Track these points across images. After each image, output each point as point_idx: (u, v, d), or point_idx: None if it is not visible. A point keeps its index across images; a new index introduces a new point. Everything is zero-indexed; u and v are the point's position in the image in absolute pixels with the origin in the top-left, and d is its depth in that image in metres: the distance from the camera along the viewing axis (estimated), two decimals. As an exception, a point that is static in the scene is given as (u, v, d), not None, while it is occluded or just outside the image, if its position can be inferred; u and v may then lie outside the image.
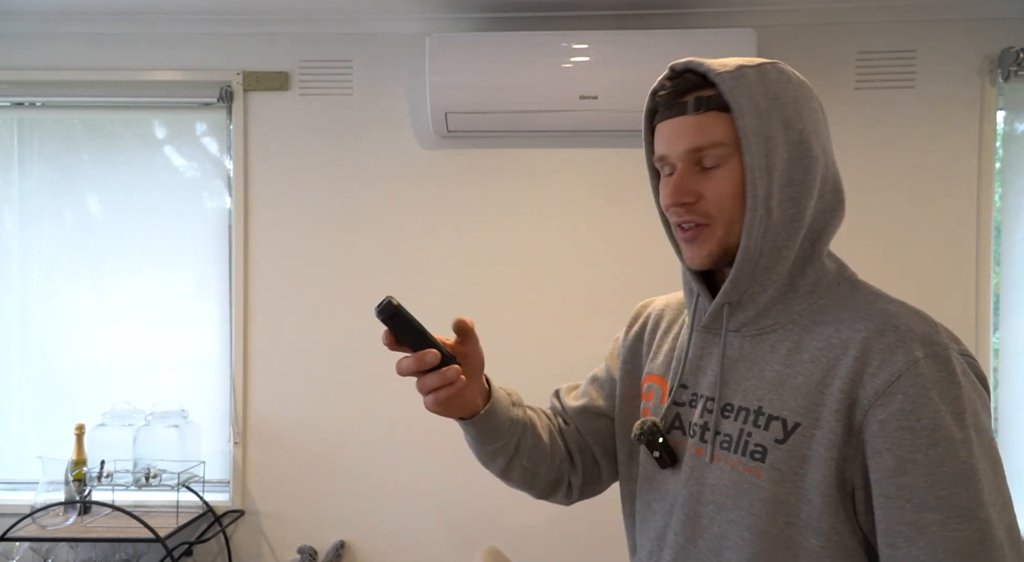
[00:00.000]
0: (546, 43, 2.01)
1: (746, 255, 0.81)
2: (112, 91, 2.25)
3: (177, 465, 2.08)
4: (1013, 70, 2.03)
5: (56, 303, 2.32)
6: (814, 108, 0.84)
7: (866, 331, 0.77)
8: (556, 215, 2.19)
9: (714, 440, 0.84)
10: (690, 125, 0.82)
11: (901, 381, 0.73)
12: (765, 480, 0.79)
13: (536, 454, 1.00)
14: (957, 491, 0.71)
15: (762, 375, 0.83)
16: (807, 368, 0.79)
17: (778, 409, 0.80)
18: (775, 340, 0.83)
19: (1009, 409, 2.10)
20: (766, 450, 0.79)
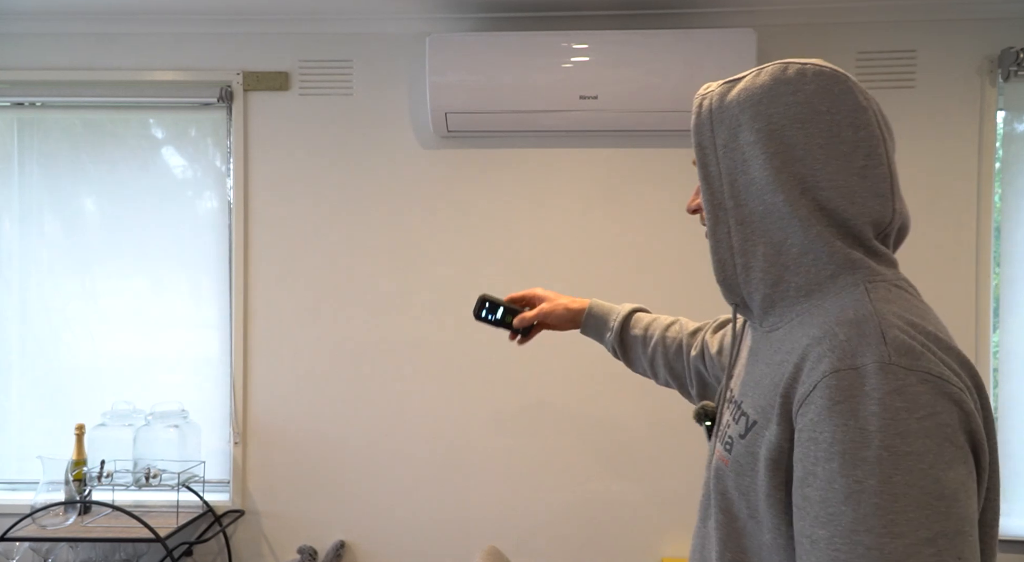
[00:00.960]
0: (546, 43, 2.01)
1: (714, 255, 0.86)
2: (112, 91, 2.25)
3: (177, 465, 2.08)
4: (1013, 70, 2.03)
5: (56, 303, 2.32)
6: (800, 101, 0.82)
7: (810, 338, 0.76)
8: (556, 215, 2.19)
9: (718, 429, 0.91)
10: None
11: (816, 391, 0.71)
12: (730, 470, 0.82)
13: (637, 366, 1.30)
14: (844, 510, 0.67)
15: (753, 371, 0.86)
16: (774, 369, 0.80)
17: (748, 406, 0.83)
18: (775, 338, 0.84)
19: (1009, 409, 2.10)
20: (733, 442, 0.83)
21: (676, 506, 2.15)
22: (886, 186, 0.83)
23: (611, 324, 1.30)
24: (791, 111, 0.82)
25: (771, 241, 0.82)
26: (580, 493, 2.17)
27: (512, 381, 2.19)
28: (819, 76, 0.83)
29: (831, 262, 0.81)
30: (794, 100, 0.82)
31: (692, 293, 2.14)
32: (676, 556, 2.15)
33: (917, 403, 0.67)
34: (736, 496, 0.81)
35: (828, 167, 0.80)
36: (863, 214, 0.82)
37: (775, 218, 0.81)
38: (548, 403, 2.18)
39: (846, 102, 0.83)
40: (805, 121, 0.82)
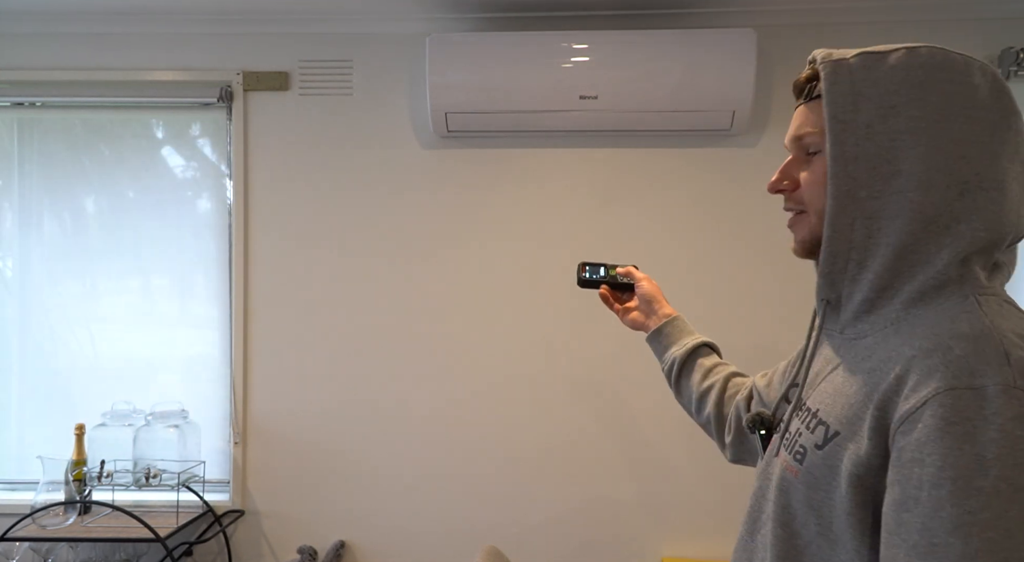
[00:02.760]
0: (546, 43, 2.01)
1: (828, 245, 0.78)
2: (112, 91, 2.25)
3: (177, 465, 2.08)
4: (1013, 70, 2.03)
5: (56, 303, 2.32)
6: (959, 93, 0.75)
7: (918, 350, 0.69)
8: (556, 215, 2.19)
9: (783, 436, 0.85)
10: (799, 113, 0.84)
11: (926, 408, 0.65)
12: (800, 482, 0.77)
13: (684, 393, 1.24)
14: (952, 542, 0.61)
15: (831, 379, 0.80)
16: (864, 379, 0.74)
17: (827, 415, 0.77)
18: (862, 347, 0.78)
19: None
20: (806, 452, 0.78)
21: (676, 507, 2.15)
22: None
23: (686, 341, 1.25)
24: (958, 101, 0.74)
25: (897, 243, 0.75)
26: (580, 493, 2.17)
27: (512, 381, 2.19)
28: (982, 69, 0.76)
29: (946, 271, 0.74)
30: (962, 90, 0.74)
31: (692, 293, 2.14)
32: (676, 556, 2.15)
33: None
34: (803, 511, 0.77)
35: (993, 167, 0.73)
36: (1018, 224, 0.76)
37: (910, 218, 0.74)
38: (548, 403, 2.18)
39: (1006, 101, 0.76)
40: (972, 115, 0.74)
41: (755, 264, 2.13)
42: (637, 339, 2.10)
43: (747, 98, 1.99)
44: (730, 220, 2.15)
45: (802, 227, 0.85)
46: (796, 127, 0.83)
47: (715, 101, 2.00)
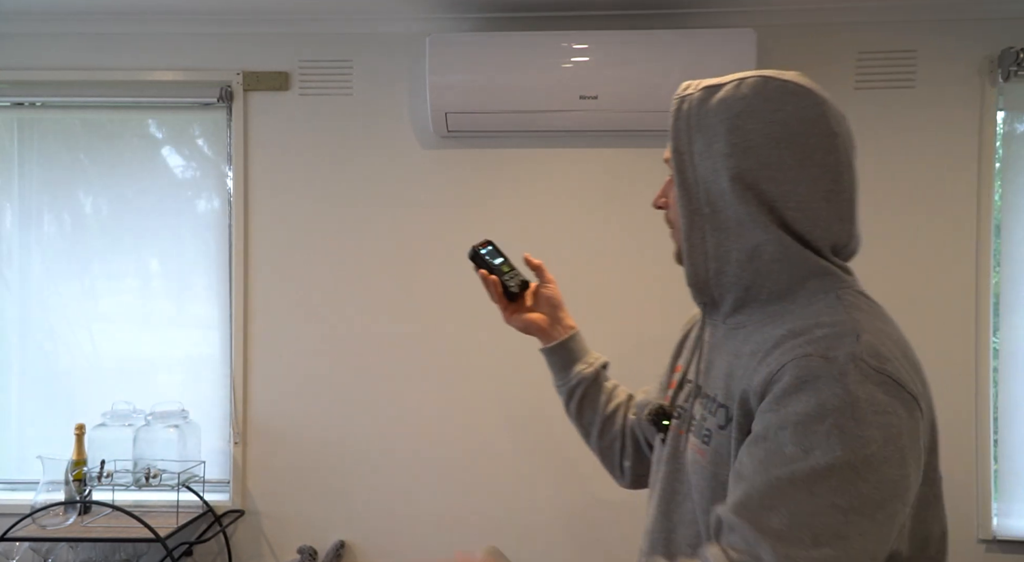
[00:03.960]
0: (546, 43, 2.01)
1: (688, 258, 0.89)
2: (112, 91, 2.25)
3: (177, 465, 2.07)
4: (1013, 70, 2.03)
5: (56, 303, 2.32)
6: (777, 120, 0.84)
7: (787, 331, 0.79)
8: (556, 215, 2.19)
9: (689, 422, 0.92)
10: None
11: (785, 370, 0.75)
12: (707, 461, 0.85)
13: (586, 414, 1.17)
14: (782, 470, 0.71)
15: (722, 365, 0.89)
16: (746, 361, 0.83)
17: (724, 398, 0.86)
18: (743, 335, 0.88)
19: (1009, 409, 2.10)
20: (711, 434, 0.86)
21: (676, 506, 2.15)
22: (849, 211, 0.86)
23: (591, 359, 1.23)
24: (768, 129, 0.84)
25: (744, 247, 0.85)
26: (581, 493, 2.17)
27: (512, 381, 2.18)
28: (797, 96, 0.86)
29: (803, 268, 0.84)
30: (772, 118, 0.84)
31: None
32: (676, 556, 2.14)
33: (875, 399, 0.71)
34: (713, 486, 0.84)
35: (797, 189, 0.83)
36: (825, 237, 0.85)
37: (748, 226, 0.84)
38: (548, 403, 2.18)
39: (820, 126, 0.85)
40: (780, 141, 0.84)
41: (755, 264, 2.13)
42: (639, 339, 2.10)
43: (747, 98, 1.99)
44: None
45: (676, 241, 0.95)
46: (666, 151, 0.92)
47: (715, 101, 2.00)
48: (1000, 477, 2.09)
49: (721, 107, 0.86)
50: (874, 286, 1.89)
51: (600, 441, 1.20)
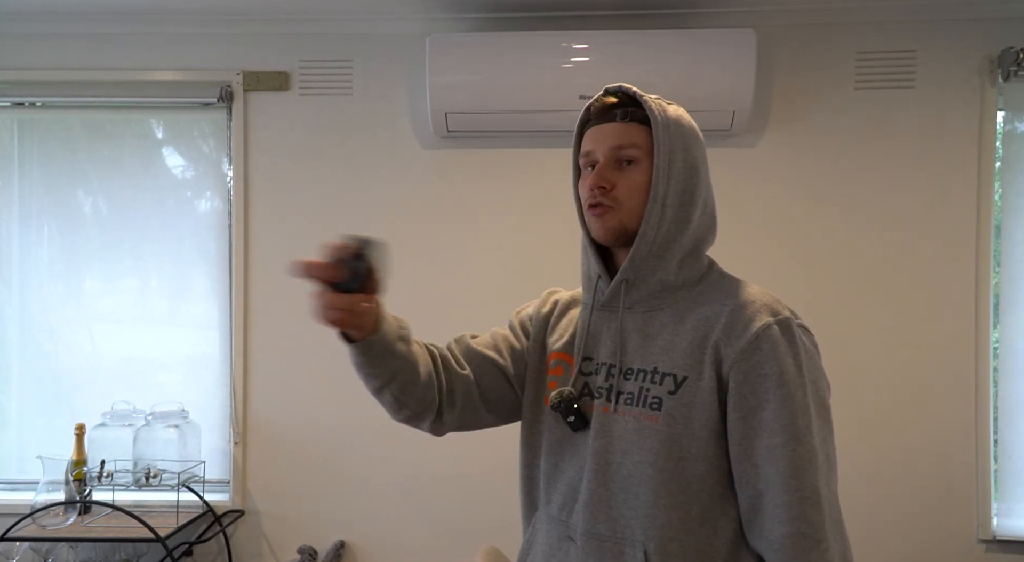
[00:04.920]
0: (546, 43, 2.01)
1: (643, 239, 1.01)
2: (112, 91, 2.25)
3: (177, 465, 2.07)
4: (1013, 70, 2.03)
5: (56, 303, 2.32)
6: (702, 148, 1.07)
7: (732, 305, 0.99)
8: (556, 215, 2.19)
9: (617, 398, 1.02)
10: (616, 129, 1.03)
11: (758, 340, 0.95)
12: (661, 424, 0.97)
13: (409, 388, 1.08)
14: (795, 421, 0.93)
15: (654, 343, 1.02)
16: (689, 335, 0.99)
17: (669, 367, 0.99)
18: (663, 317, 1.03)
19: (1009, 409, 2.10)
20: (661, 400, 0.98)
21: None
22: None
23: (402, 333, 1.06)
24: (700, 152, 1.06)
25: (687, 245, 1.03)
26: (580, 493, 2.17)
27: (512, 381, 2.18)
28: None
29: (704, 260, 1.08)
30: (700, 143, 1.06)
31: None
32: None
33: (812, 346, 1.01)
34: (667, 446, 0.97)
35: (709, 200, 1.07)
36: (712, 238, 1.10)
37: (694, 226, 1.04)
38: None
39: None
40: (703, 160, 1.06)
41: (754, 263, 2.13)
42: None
43: (747, 98, 1.99)
44: (730, 219, 2.14)
45: (612, 218, 1.03)
46: (616, 140, 1.02)
47: (715, 101, 2.00)
48: (1000, 477, 2.09)
49: (683, 124, 1.04)
50: (874, 286, 1.94)
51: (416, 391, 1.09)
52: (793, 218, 2.15)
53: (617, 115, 1.04)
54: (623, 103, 1.05)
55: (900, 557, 2.10)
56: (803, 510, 0.92)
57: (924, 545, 2.08)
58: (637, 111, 1.03)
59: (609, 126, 1.04)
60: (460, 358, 1.16)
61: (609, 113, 1.05)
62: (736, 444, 0.96)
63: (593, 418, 1.04)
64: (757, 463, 0.95)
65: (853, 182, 2.12)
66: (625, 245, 1.04)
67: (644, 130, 1.02)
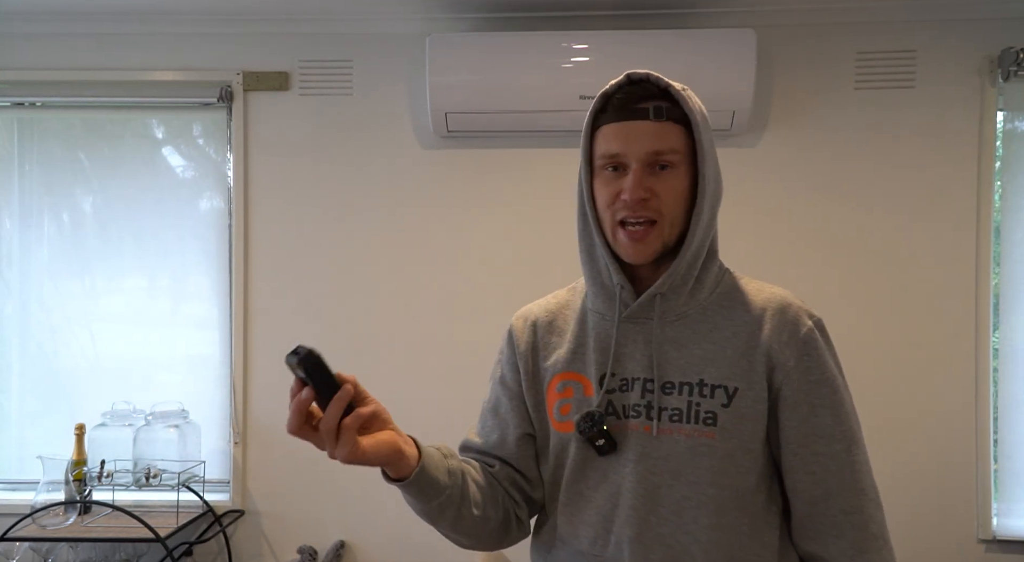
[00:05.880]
0: (546, 43, 2.01)
1: (688, 251, 0.94)
2: (112, 91, 2.25)
3: (177, 465, 2.07)
4: (1013, 70, 2.03)
5: (56, 303, 2.32)
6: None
7: (770, 308, 0.96)
8: (556, 215, 2.19)
9: (660, 415, 0.93)
10: (652, 130, 0.92)
11: (807, 346, 0.94)
12: (718, 440, 0.91)
13: (482, 497, 0.98)
14: (851, 425, 0.94)
15: (692, 353, 0.95)
16: (732, 342, 0.94)
17: (718, 379, 0.93)
18: (692, 324, 0.96)
19: (1009, 409, 2.10)
20: (716, 415, 0.92)
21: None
22: None
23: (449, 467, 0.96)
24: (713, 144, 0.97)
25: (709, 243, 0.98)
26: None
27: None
28: None
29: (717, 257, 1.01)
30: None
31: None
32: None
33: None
34: (724, 463, 0.91)
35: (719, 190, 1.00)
36: None
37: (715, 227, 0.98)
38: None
39: None
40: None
41: (755, 263, 2.13)
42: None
43: (747, 98, 1.99)
44: (730, 220, 2.14)
45: (656, 239, 0.93)
46: (653, 144, 0.91)
47: (715, 101, 1.99)
48: (1000, 477, 2.09)
49: (704, 112, 0.96)
50: (874, 286, 1.94)
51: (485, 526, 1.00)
52: (793, 218, 2.14)
53: (650, 112, 0.92)
54: (649, 94, 0.93)
55: (900, 557, 2.09)
56: (872, 512, 0.92)
57: (924, 545, 2.08)
58: (673, 108, 0.93)
59: (642, 126, 0.92)
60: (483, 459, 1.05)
61: (637, 109, 0.92)
62: (792, 453, 0.93)
63: (630, 439, 0.94)
64: (815, 470, 0.92)
65: (853, 182, 2.12)
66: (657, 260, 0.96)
67: (679, 129, 0.92)
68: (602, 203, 0.95)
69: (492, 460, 1.05)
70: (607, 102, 0.96)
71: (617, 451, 0.94)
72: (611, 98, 0.95)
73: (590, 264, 1.00)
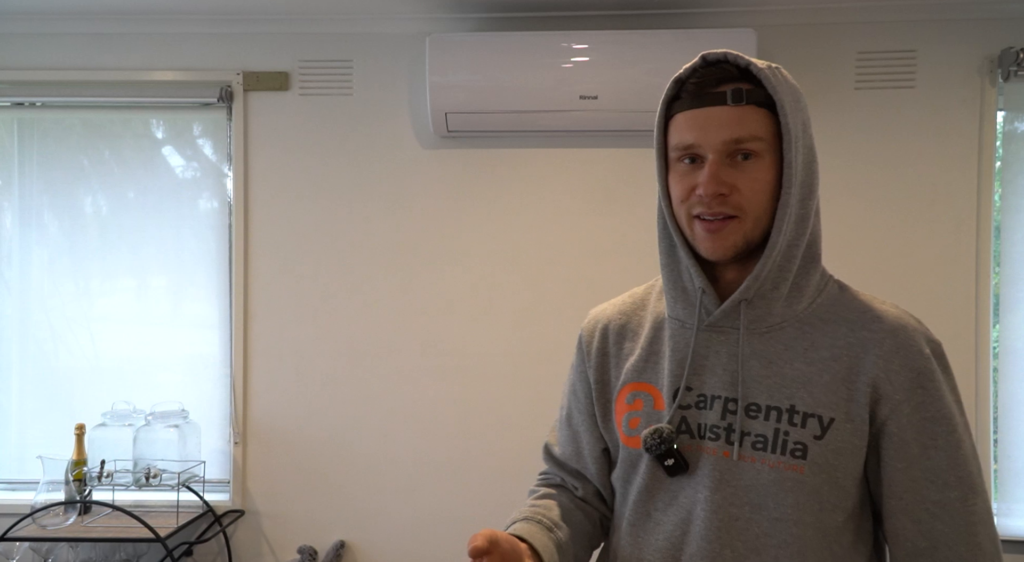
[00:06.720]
0: (546, 43, 2.01)
1: (771, 250, 0.84)
2: (112, 91, 2.25)
3: (177, 465, 2.07)
4: (1013, 70, 2.03)
5: (56, 303, 2.32)
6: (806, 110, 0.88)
7: (881, 332, 0.84)
8: (556, 215, 2.19)
9: (741, 441, 0.84)
10: (730, 116, 0.82)
11: (922, 378, 0.83)
12: (808, 475, 0.82)
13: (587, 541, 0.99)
14: (970, 470, 0.82)
15: (783, 373, 0.84)
16: (830, 366, 0.84)
17: (812, 406, 0.83)
18: (786, 338, 0.86)
19: (1009, 409, 2.10)
20: (806, 447, 0.82)
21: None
22: None
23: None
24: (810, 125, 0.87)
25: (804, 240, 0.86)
26: (580, 493, 2.17)
27: (513, 381, 2.18)
28: None
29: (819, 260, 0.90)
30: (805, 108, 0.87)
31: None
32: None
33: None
34: (811, 499, 0.82)
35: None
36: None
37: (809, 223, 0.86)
38: (549, 403, 2.18)
39: None
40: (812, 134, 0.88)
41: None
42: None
43: (747, 98, 1.99)
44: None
45: (735, 233, 0.84)
46: (732, 131, 0.81)
47: (715, 101, 2.00)
48: (1000, 477, 2.09)
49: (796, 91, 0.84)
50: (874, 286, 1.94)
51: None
52: (793, 218, 2.14)
53: (728, 96, 0.82)
54: (728, 77, 0.83)
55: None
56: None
57: (924, 545, 2.07)
58: (755, 90, 0.82)
59: (719, 111, 0.82)
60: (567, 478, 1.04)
61: (714, 93, 0.82)
62: (895, 497, 0.83)
63: (705, 463, 0.86)
64: (922, 518, 0.82)
65: (853, 182, 2.12)
66: (737, 257, 0.86)
67: (763, 114, 0.82)
68: (676, 199, 0.87)
69: (575, 482, 1.03)
70: (681, 88, 0.86)
71: (691, 474, 0.86)
72: (684, 83, 0.85)
73: (670, 266, 0.93)
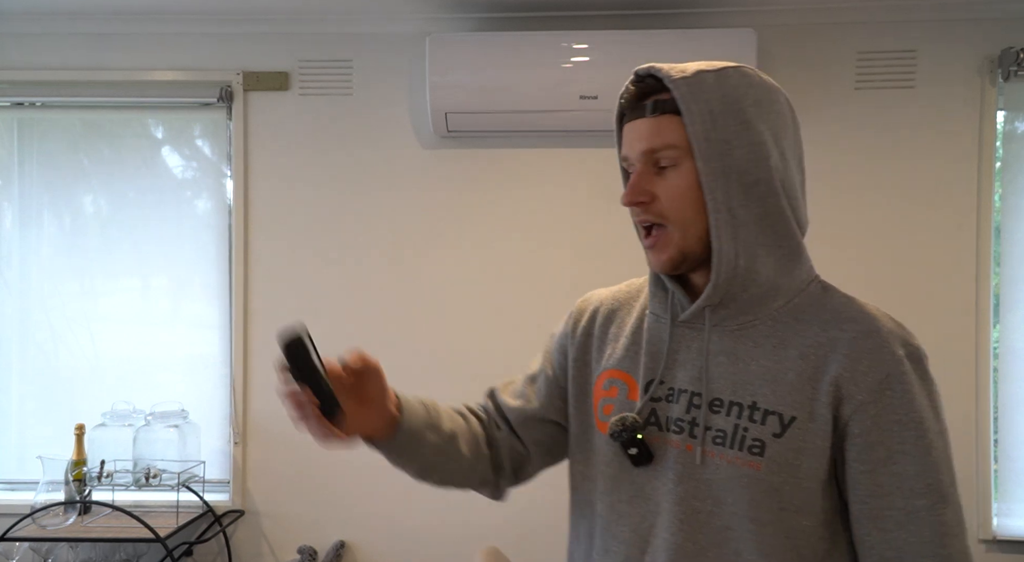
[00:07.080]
0: (546, 43, 2.01)
1: (721, 258, 0.83)
2: (112, 91, 2.25)
3: (177, 465, 2.07)
4: (1013, 70, 2.03)
5: (56, 303, 2.32)
6: (779, 111, 0.85)
7: (853, 332, 0.82)
8: (556, 215, 2.19)
9: (704, 435, 0.85)
10: (647, 127, 0.84)
11: (891, 379, 0.80)
12: (764, 472, 0.81)
13: (450, 473, 1.02)
14: (941, 478, 0.79)
15: (748, 370, 0.85)
16: (797, 364, 0.83)
17: (773, 404, 0.82)
18: (756, 335, 0.86)
19: (1009, 409, 2.10)
20: (764, 444, 0.82)
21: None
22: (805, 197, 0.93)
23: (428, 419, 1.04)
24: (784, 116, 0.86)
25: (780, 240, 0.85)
26: (580, 493, 2.17)
27: (512, 381, 2.18)
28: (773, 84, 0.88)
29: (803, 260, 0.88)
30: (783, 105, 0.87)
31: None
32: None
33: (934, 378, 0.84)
34: (768, 496, 0.81)
35: (795, 179, 0.87)
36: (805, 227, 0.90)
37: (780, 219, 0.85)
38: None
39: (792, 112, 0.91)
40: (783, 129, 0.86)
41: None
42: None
43: (747, 98, 1.99)
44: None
45: (667, 244, 0.86)
46: (647, 142, 0.84)
47: (715, 101, 2.00)
48: (1000, 477, 2.09)
49: (740, 92, 0.83)
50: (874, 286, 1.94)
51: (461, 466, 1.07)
52: (793, 218, 2.15)
53: (648, 108, 0.84)
54: (653, 89, 0.85)
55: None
56: None
57: (924, 545, 2.07)
58: (669, 100, 0.83)
59: (640, 123, 0.85)
60: (495, 417, 1.08)
61: (639, 105, 0.86)
62: (859, 501, 0.81)
63: (668, 456, 0.87)
64: (887, 526, 0.80)
65: (853, 182, 2.12)
66: (698, 266, 0.87)
67: (678, 121, 0.82)
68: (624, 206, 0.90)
69: (502, 425, 1.07)
70: (621, 103, 0.91)
71: (655, 466, 0.87)
72: (622, 98, 0.90)
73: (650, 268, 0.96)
